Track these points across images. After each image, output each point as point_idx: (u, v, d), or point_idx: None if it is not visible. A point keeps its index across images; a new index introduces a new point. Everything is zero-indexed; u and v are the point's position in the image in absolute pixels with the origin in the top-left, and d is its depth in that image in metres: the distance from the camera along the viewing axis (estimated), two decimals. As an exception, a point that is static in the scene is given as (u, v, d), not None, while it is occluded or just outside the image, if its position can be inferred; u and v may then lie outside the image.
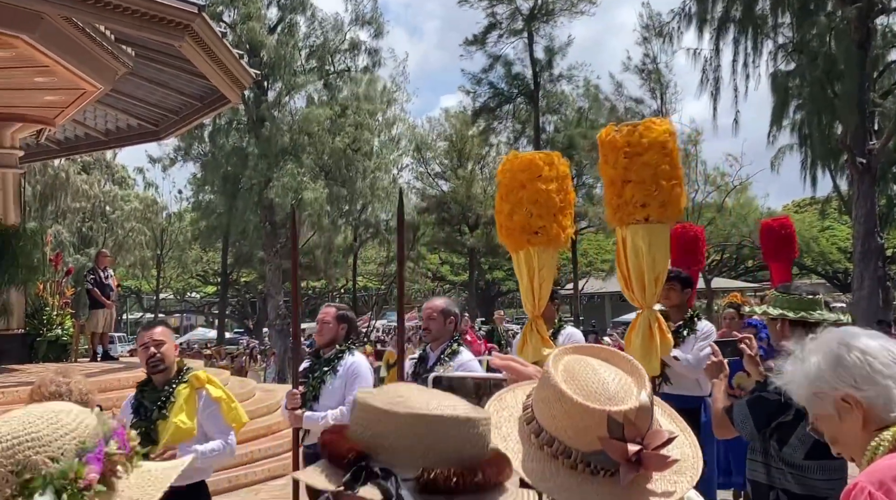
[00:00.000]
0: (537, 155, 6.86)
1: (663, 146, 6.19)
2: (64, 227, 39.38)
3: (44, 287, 15.52)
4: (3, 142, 15.16)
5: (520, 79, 37.07)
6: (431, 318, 6.06)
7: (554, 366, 1.75)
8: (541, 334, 6.96)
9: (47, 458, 1.43)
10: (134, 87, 15.35)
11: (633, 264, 6.36)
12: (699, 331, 6.94)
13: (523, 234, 6.75)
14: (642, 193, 6.17)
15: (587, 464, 1.67)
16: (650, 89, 35.04)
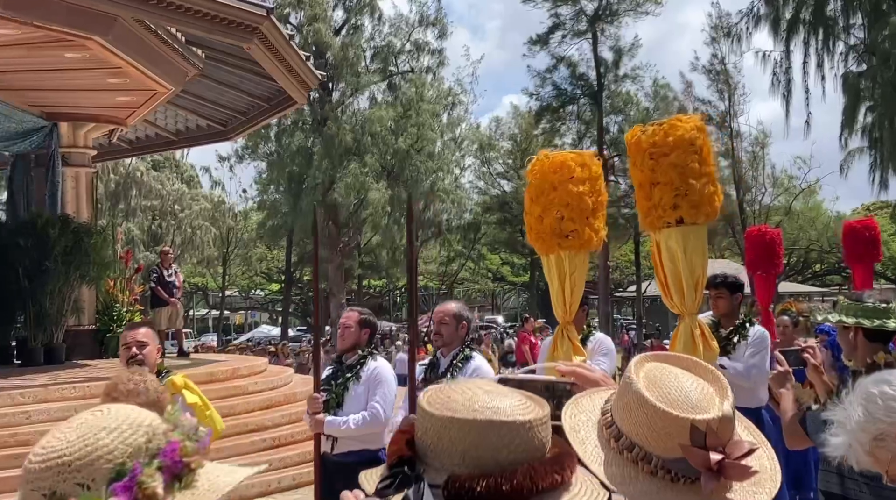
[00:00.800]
0: (569, 155, 6.59)
1: (691, 144, 5.92)
2: (134, 225, 40.13)
3: (114, 284, 15.80)
4: (76, 142, 15.50)
5: (584, 79, 36.87)
6: (443, 322, 5.88)
7: (636, 372, 1.77)
8: (572, 341, 6.72)
9: (76, 484, 1.35)
10: (203, 88, 15.59)
11: (670, 270, 6.13)
12: (750, 337, 6.69)
13: (554, 237, 6.50)
14: (671, 195, 5.93)
15: (668, 471, 1.68)
16: (718, 90, 34.56)
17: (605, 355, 7.16)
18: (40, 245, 13.41)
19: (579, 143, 39.17)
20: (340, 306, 35.76)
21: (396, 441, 1.55)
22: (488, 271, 54.95)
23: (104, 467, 1.36)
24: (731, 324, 6.76)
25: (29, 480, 1.34)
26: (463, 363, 5.70)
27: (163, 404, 3.59)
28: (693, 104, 35.43)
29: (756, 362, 6.56)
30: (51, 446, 1.37)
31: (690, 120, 6.07)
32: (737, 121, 34.87)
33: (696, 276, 6.02)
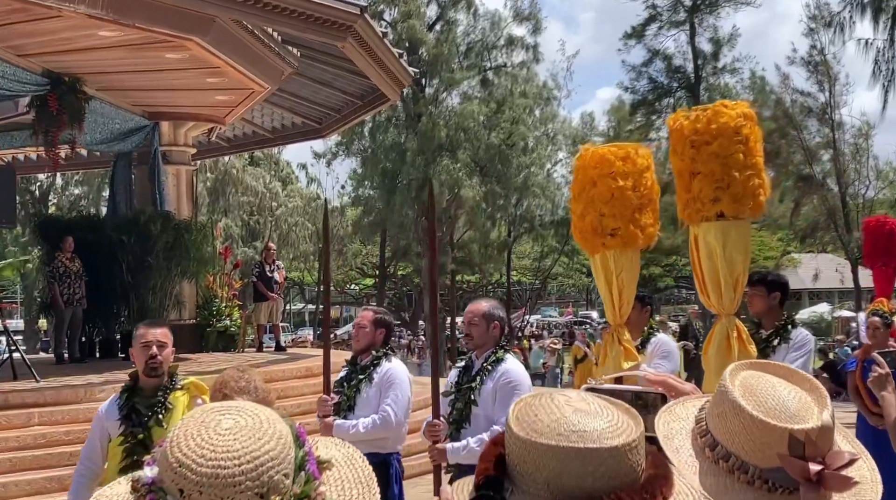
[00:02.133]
0: (610, 149, 6.26)
1: (736, 132, 5.54)
2: (232, 221, 40.96)
3: (214, 279, 16.16)
4: (177, 140, 15.88)
5: (681, 72, 36.25)
6: (473, 323, 5.48)
7: (731, 381, 1.73)
8: (623, 345, 6.35)
9: (283, 476, 1.35)
10: (299, 86, 15.79)
11: (707, 267, 5.77)
12: (793, 340, 6.13)
13: (596, 236, 6.20)
14: (712, 187, 5.57)
15: (765, 481, 1.65)
16: (818, 82, 33.59)
17: (665, 357, 6.76)
18: (143, 241, 13.79)
19: (675, 136, 38.48)
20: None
21: (487, 458, 1.49)
22: (582, 267, 54.49)
23: (290, 456, 1.38)
24: (772, 325, 6.23)
25: (235, 484, 1.31)
26: (493, 366, 5.34)
27: (270, 402, 3.62)
28: (791, 96, 34.44)
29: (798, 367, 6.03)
30: (241, 447, 1.33)
31: (737, 106, 5.71)
32: (838, 112, 33.79)
33: (735, 274, 5.70)
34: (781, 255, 49.27)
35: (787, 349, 6.04)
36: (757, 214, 5.74)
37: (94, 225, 14.94)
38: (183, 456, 1.34)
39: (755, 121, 5.69)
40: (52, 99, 12.23)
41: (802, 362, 5.88)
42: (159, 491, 1.34)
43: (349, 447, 1.58)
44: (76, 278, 13.62)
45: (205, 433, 1.36)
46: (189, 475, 1.32)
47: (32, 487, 8.30)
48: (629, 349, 6.30)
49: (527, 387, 5.30)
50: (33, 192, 40.00)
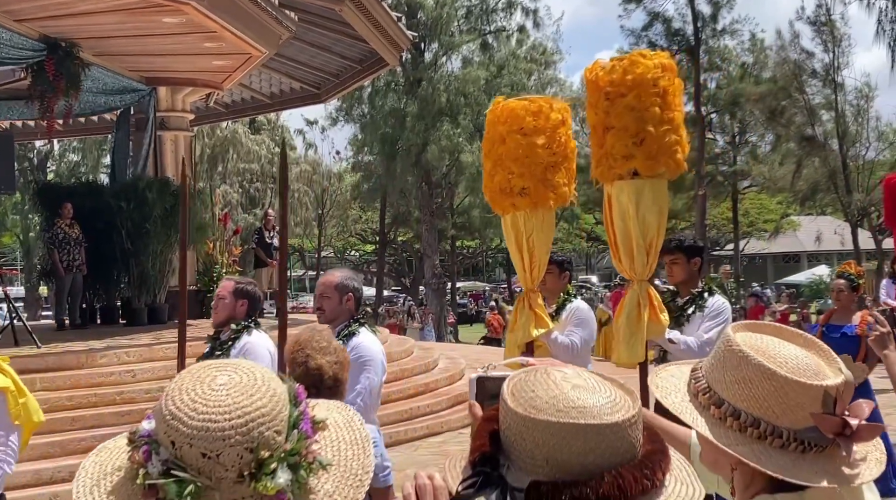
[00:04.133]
0: (520, 102, 5.80)
1: (653, 84, 5.11)
2: (232, 187, 40.89)
3: (213, 246, 16.16)
4: (174, 106, 15.81)
5: (680, 35, 36.00)
6: (325, 295, 5.15)
7: (744, 345, 1.70)
8: (535, 311, 5.93)
9: (275, 433, 1.36)
10: (297, 51, 15.70)
11: (620, 228, 5.36)
12: (708, 308, 5.75)
13: (505, 196, 5.81)
14: (625, 142, 5.15)
15: (800, 442, 1.65)
16: (822, 42, 33.35)
17: (579, 325, 6.29)
18: (141, 208, 13.78)
19: (675, 100, 38.32)
20: (434, 266, 35.95)
21: (480, 434, 1.47)
22: (581, 231, 54.49)
23: (284, 413, 1.39)
24: (689, 293, 5.89)
25: (224, 437, 1.32)
26: (345, 340, 4.92)
27: (346, 363, 3.69)
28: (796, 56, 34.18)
29: (711, 337, 5.57)
30: (233, 402, 1.35)
31: (656, 56, 5.30)
32: (840, 74, 33.61)
33: (649, 237, 5.32)
34: (781, 217, 49.23)
35: (701, 318, 5.74)
36: (674, 173, 5.34)
37: (92, 191, 14.91)
38: (175, 409, 1.35)
39: (675, 72, 5.33)
40: (50, 64, 12.15)
41: (717, 332, 5.51)
42: (153, 443, 1.35)
43: (350, 409, 1.58)
44: (76, 244, 13.61)
45: (199, 387, 1.38)
46: (180, 427, 1.33)
47: (35, 452, 8.33)
48: (540, 316, 5.95)
49: (378, 363, 5.00)
50: (31, 159, 39.91)
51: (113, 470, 1.41)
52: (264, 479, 1.32)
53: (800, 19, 33.66)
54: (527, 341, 5.89)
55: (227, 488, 1.34)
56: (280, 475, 1.33)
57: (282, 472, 1.33)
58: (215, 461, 1.33)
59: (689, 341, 5.56)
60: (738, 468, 1.73)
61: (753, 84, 35.70)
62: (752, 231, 48.03)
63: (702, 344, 5.47)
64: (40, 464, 8.14)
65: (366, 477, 1.43)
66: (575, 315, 6.33)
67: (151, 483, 1.32)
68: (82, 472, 1.43)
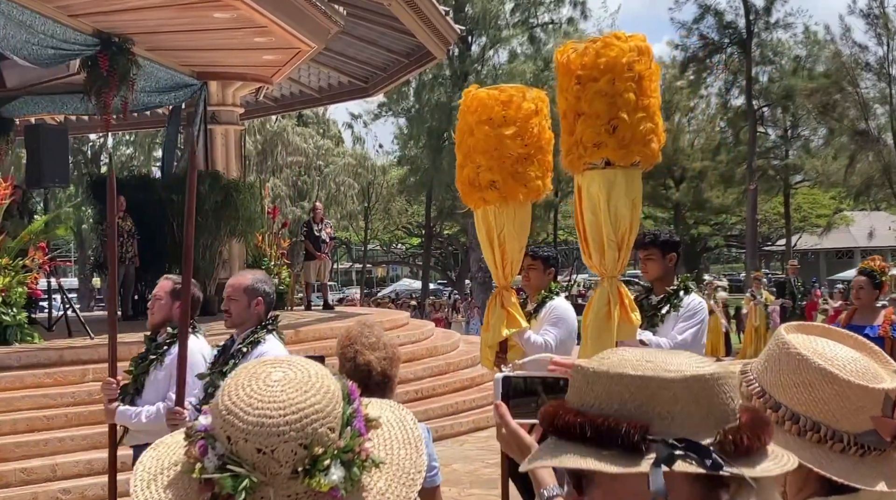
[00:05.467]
0: (490, 92, 5.54)
1: (628, 68, 4.79)
2: (280, 180, 41.19)
3: (262, 238, 16.30)
4: (225, 100, 15.97)
5: (732, 27, 35.61)
6: (232, 298, 4.83)
7: (802, 348, 1.69)
8: (507, 309, 5.64)
9: (328, 429, 1.37)
10: (345, 45, 15.77)
11: (590, 221, 5.03)
12: (683, 308, 5.40)
13: (474, 189, 5.53)
14: (596, 130, 4.82)
15: (860, 446, 1.64)
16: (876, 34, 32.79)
17: (555, 324, 5.95)
18: (192, 201, 13.91)
19: (727, 93, 37.96)
20: (479, 260, 35.92)
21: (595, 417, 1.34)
22: (630, 226, 54.16)
23: (338, 410, 1.40)
24: (664, 291, 5.53)
25: (279, 433, 1.34)
26: (250, 347, 4.70)
27: (398, 357, 3.65)
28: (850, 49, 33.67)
29: (686, 338, 5.26)
30: (288, 398, 1.37)
31: (631, 38, 4.96)
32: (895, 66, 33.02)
33: (621, 231, 4.98)
34: (834, 212, 48.50)
35: (676, 318, 5.40)
36: (649, 163, 5.02)
37: (145, 184, 15.11)
38: (231, 404, 1.38)
39: (651, 56, 5.01)
40: (103, 59, 12.31)
41: (692, 333, 5.29)
42: (209, 438, 1.38)
43: (402, 408, 1.59)
44: (128, 236, 13.82)
45: (254, 383, 1.40)
46: (236, 422, 1.36)
47: (88, 441, 8.49)
48: (513, 314, 5.65)
49: None
50: (85, 152, 40.54)
51: (170, 465, 1.44)
52: (318, 475, 1.34)
53: (852, 13, 33.12)
54: (499, 341, 5.65)
55: (281, 483, 1.35)
56: (333, 472, 1.34)
57: (335, 469, 1.35)
58: (270, 456, 1.34)
59: (661, 343, 5.22)
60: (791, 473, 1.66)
61: (807, 78, 35.21)
62: (804, 226, 47.41)
63: (675, 346, 5.03)
64: (91, 454, 8.28)
65: (418, 477, 1.44)
66: (552, 313, 6.05)
67: (208, 478, 1.35)
68: (140, 466, 1.45)
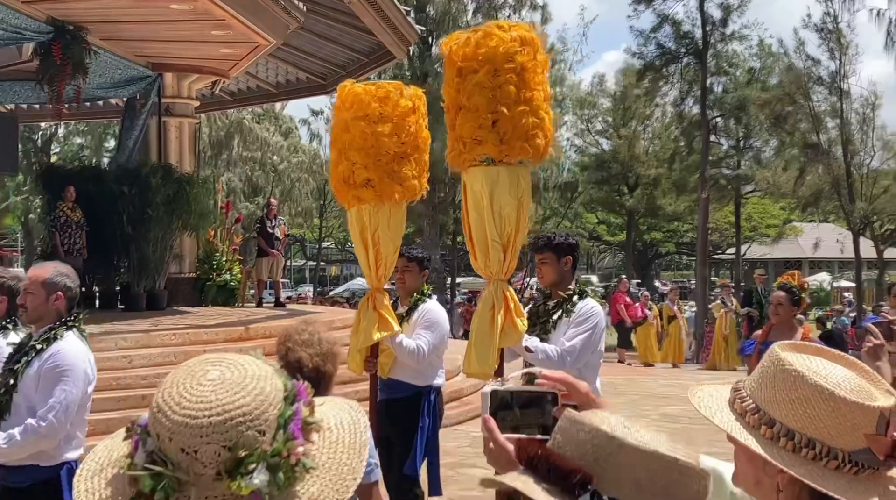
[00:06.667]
0: (366, 87, 5.33)
1: (509, 59, 4.54)
2: (235, 175, 40.87)
3: (214, 234, 16.16)
4: (180, 92, 15.80)
5: (689, 37, 35.97)
6: (29, 291, 4.45)
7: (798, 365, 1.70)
8: (379, 313, 5.45)
9: (256, 432, 1.34)
10: (304, 41, 15.70)
11: (475, 221, 4.80)
12: (575, 313, 5.12)
13: (348, 188, 5.34)
14: (474, 125, 4.61)
15: (854, 463, 1.64)
16: (829, 49, 33.34)
17: (428, 328, 5.76)
18: (143, 193, 13.77)
19: (682, 102, 38.36)
20: (434, 260, 35.95)
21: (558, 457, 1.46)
22: (584, 231, 54.54)
23: (272, 413, 1.38)
24: (559, 297, 5.27)
25: (202, 434, 1.32)
26: (45, 344, 4.36)
27: (336, 355, 3.61)
28: (803, 62, 34.21)
29: (575, 344, 4.98)
30: (215, 399, 1.35)
31: (515, 28, 4.73)
32: (847, 81, 33.59)
33: (506, 232, 4.75)
34: (783, 223, 49.22)
35: (567, 325, 5.12)
36: (535, 160, 4.83)
37: (96, 175, 14.90)
38: (162, 402, 1.36)
39: (537, 47, 4.73)
40: (57, 48, 12.13)
41: (582, 340, 5.01)
42: (144, 434, 1.36)
43: (360, 411, 1.58)
44: (77, 227, 13.61)
45: (189, 381, 1.38)
46: (163, 420, 1.34)
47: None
48: (385, 318, 5.46)
49: (80, 373, 4.38)
50: (35, 140, 39.91)
51: (119, 457, 1.42)
52: (239, 479, 1.32)
53: (806, 27, 33.66)
54: (370, 345, 5.55)
55: (204, 484, 1.33)
56: (256, 476, 1.32)
57: (259, 473, 1.32)
58: (193, 457, 1.33)
59: (548, 350, 4.97)
60: (784, 491, 1.72)
61: (760, 89, 35.69)
62: (753, 236, 48.05)
63: (562, 354, 4.93)
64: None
65: (352, 483, 1.43)
66: (425, 317, 5.87)
67: (135, 477, 1.33)
68: (91, 456, 1.44)
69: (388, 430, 5.73)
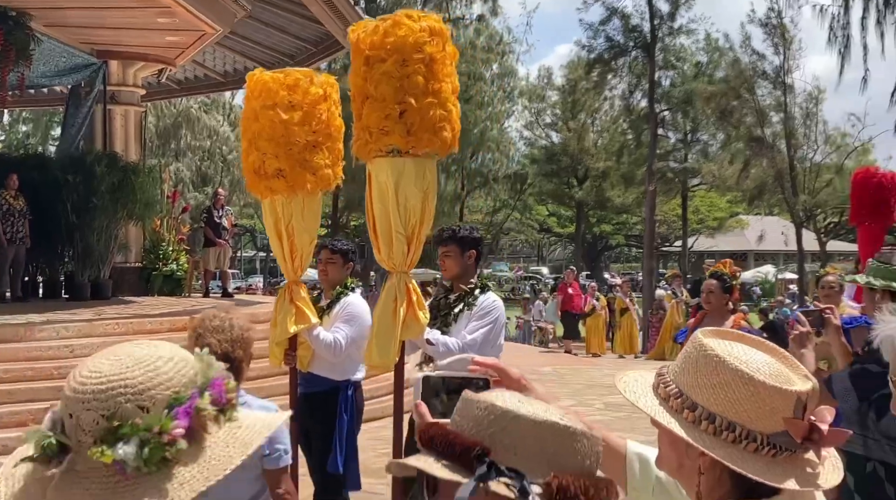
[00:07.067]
0: (275, 75, 5.24)
1: (417, 49, 4.49)
2: (184, 165, 40.50)
3: (161, 223, 16.04)
4: (126, 80, 15.66)
5: (637, 31, 36.30)
6: None
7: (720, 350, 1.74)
8: (296, 304, 5.39)
9: (137, 406, 1.37)
10: (252, 30, 15.62)
11: (379, 212, 4.74)
12: (476, 306, 5.17)
13: (260, 178, 5.25)
14: (381, 115, 4.55)
15: (772, 446, 1.68)
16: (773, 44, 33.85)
17: (347, 322, 5.72)
18: (88, 181, 13.63)
19: (630, 96, 38.73)
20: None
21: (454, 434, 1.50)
22: (534, 222, 54.83)
23: (164, 393, 1.39)
24: (461, 290, 5.30)
25: (84, 400, 1.36)
26: None
27: (248, 341, 3.60)
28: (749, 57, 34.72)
29: (476, 338, 5.02)
30: (106, 370, 1.38)
31: (424, 18, 4.66)
32: (791, 76, 34.16)
33: (410, 224, 4.70)
34: (729, 216, 49.92)
35: (468, 318, 5.16)
36: (442, 153, 4.76)
37: (40, 163, 14.71)
38: (71, 373, 1.42)
39: (446, 38, 4.68)
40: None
41: (483, 333, 5.06)
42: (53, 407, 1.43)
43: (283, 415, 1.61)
44: (20, 216, 13.43)
45: (99, 357, 1.43)
46: (65, 389, 1.40)
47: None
48: (302, 310, 5.40)
49: None
50: (-21, 128, 39.22)
51: None
52: (104, 446, 1.34)
53: (752, 22, 34.16)
54: (287, 337, 5.50)
55: (85, 453, 1.37)
56: (122, 447, 1.34)
57: (127, 444, 1.34)
58: (76, 422, 1.37)
59: (448, 343, 5.00)
60: (705, 473, 1.75)
61: (706, 83, 36.16)
62: (700, 228, 48.67)
63: (463, 347, 4.93)
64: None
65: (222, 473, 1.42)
66: (346, 311, 5.81)
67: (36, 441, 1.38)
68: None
69: (308, 423, 5.72)
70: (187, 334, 3.62)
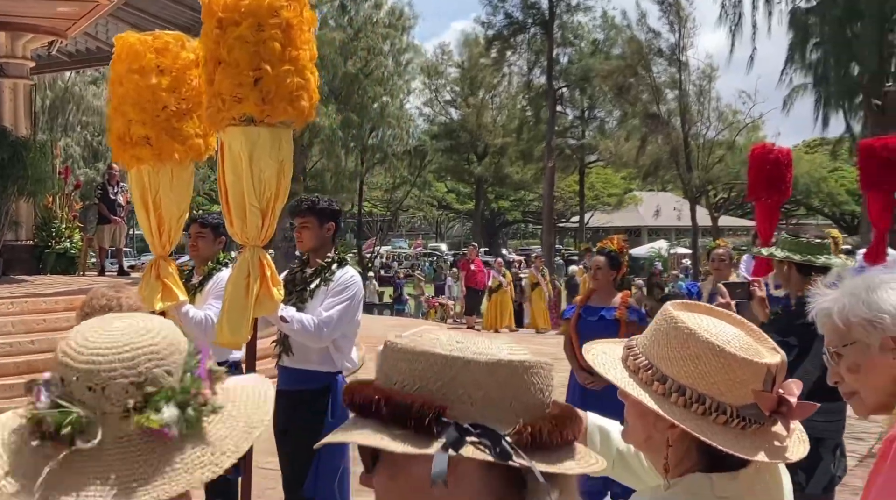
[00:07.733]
0: (142, 37, 4.94)
1: (274, 14, 4.30)
2: (74, 140, 39.28)
3: (53, 200, 15.57)
4: (14, 52, 15.08)
5: (536, 8, 36.61)
6: None
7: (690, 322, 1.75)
8: (163, 281, 5.11)
9: (165, 372, 1.34)
10: (147, 2, 15.22)
11: (232, 183, 4.52)
12: (334, 281, 5.00)
13: (125, 146, 4.97)
14: (235, 82, 4.32)
15: (742, 418, 1.70)
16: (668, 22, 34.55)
17: (219, 298, 5.10)
18: (-24, 157, 13.13)
19: (529, 72, 39.06)
20: (284, 229, 35.57)
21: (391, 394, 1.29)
22: (433, 199, 54.97)
23: (179, 358, 1.38)
24: (317, 264, 5.12)
25: (112, 370, 1.31)
26: None
27: None
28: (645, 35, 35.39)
29: (332, 315, 4.87)
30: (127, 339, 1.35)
31: None
32: (685, 53, 34.95)
33: (265, 196, 4.51)
34: (624, 192, 50.93)
35: (325, 294, 4.98)
36: (299, 123, 4.60)
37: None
38: (68, 347, 1.36)
39: (304, 3, 4.50)
40: None
41: (340, 310, 4.90)
42: (45, 383, 1.35)
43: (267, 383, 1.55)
44: None
45: (94, 330, 1.38)
46: (70, 362, 1.34)
47: None
48: (169, 287, 5.12)
49: None
50: None
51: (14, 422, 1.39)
52: (147, 412, 1.32)
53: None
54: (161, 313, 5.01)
55: (112, 423, 1.33)
56: (165, 411, 1.32)
57: (168, 408, 1.33)
58: (101, 394, 1.32)
59: (304, 320, 4.81)
60: (673, 446, 1.75)
61: (604, 60, 36.73)
62: (596, 204, 49.52)
63: (319, 324, 4.81)
64: None
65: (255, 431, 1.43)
66: (218, 286, 5.36)
67: (38, 419, 1.32)
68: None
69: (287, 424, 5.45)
70: (75, 314, 3.52)
